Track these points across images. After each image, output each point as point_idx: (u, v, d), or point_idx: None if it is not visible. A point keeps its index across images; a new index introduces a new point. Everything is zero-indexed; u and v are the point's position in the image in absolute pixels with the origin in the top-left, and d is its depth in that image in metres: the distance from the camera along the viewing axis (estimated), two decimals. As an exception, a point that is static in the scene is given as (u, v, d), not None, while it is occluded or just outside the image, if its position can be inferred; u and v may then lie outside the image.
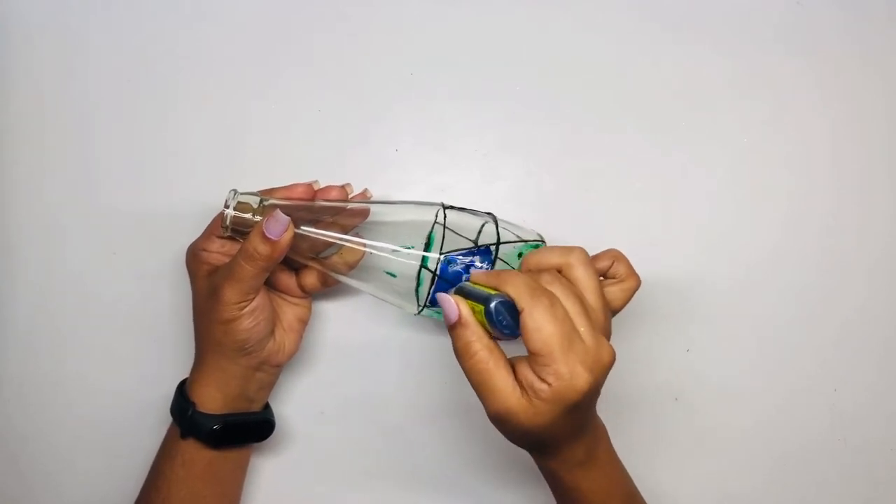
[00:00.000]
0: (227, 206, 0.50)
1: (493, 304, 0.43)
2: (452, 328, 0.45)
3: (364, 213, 0.52)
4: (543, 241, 0.53)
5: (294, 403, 0.59)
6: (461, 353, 0.44)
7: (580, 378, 0.42)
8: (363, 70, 0.61)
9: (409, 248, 0.50)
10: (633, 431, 0.51)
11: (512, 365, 0.44)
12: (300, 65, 0.61)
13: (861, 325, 0.61)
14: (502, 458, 0.59)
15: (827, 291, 0.61)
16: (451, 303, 0.44)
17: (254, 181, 0.59)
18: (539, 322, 0.42)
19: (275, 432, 0.56)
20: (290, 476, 0.59)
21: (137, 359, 0.60)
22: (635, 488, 0.51)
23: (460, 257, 0.50)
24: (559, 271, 0.47)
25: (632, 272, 0.50)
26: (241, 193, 0.51)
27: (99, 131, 0.61)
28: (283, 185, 0.54)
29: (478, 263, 0.50)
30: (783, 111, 0.62)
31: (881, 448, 0.61)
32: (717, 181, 0.61)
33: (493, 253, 0.51)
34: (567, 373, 0.42)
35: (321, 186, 0.54)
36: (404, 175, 0.60)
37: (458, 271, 0.50)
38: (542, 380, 0.43)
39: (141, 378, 0.60)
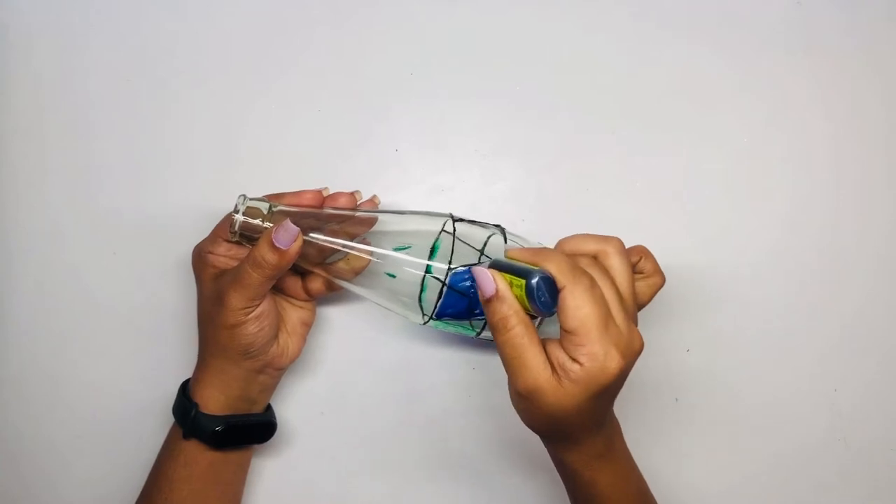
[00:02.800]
0: (236, 212, 0.49)
1: (535, 280, 0.43)
2: (488, 302, 0.44)
3: (371, 222, 0.52)
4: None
5: (294, 405, 0.59)
6: (497, 327, 0.44)
7: (613, 361, 0.42)
8: (363, 70, 0.61)
9: (406, 248, 0.50)
10: (633, 431, 0.51)
11: (543, 345, 0.44)
12: (300, 65, 0.61)
13: (861, 325, 0.61)
14: (502, 458, 0.59)
15: (827, 291, 0.61)
16: (488, 276, 0.44)
17: (254, 181, 0.59)
18: (579, 301, 0.42)
19: (276, 433, 0.56)
20: (291, 476, 0.59)
21: (138, 359, 0.60)
22: (647, 486, 0.52)
23: (469, 274, 0.49)
24: (594, 258, 0.47)
25: (658, 269, 0.51)
26: (251, 199, 0.50)
27: (99, 131, 0.61)
28: (291, 189, 0.54)
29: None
30: (783, 111, 0.62)
31: (881, 448, 0.61)
32: (717, 181, 0.61)
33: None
34: (601, 354, 0.42)
35: (330, 193, 0.54)
36: (404, 175, 0.60)
37: (466, 286, 0.49)
38: (575, 360, 0.43)
39: (141, 378, 0.60)
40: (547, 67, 0.61)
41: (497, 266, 0.46)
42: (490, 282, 0.44)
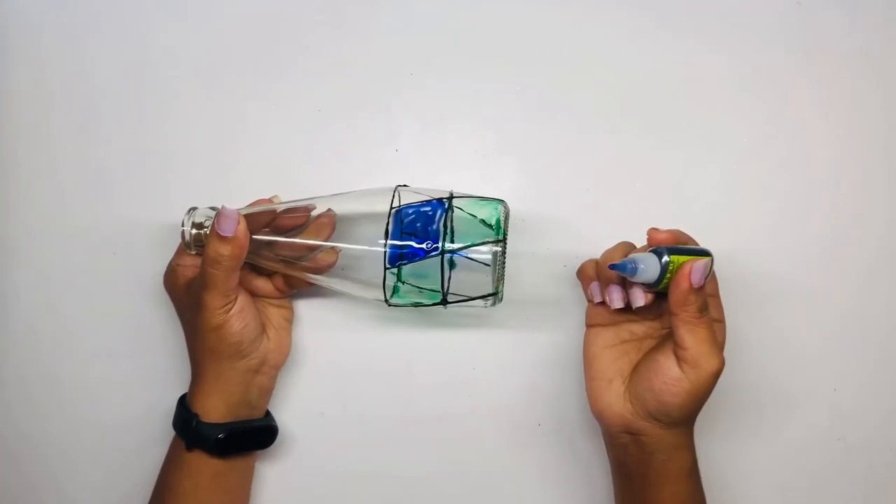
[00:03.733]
0: (182, 226, 0.51)
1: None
2: (690, 291, 0.47)
3: (330, 226, 0.52)
4: (503, 202, 0.52)
5: (294, 405, 0.59)
6: (703, 309, 0.48)
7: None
8: (363, 70, 0.61)
9: (380, 243, 0.50)
10: (633, 431, 0.51)
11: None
12: (300, 65, 0.61)
13: (861, 325, 0.61)
14: (503, 459, 0.59)
15: (826, 291, 0.61)
16: (701, 268, 0.47)
17: (254, 181, 0.59)
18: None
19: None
20: (291, 478, 0.59)
21: (140, 360, 0.60)
22: None
23: (412, 208, 0.50)
24: None
25: None
26: (198, 211, 0.52)
27: (99, 132, 0.61)
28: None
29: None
30: (783, 111, 0.62)
31: (880, 448, 0.61)
32: (717, 181, 0.61)
33: (447, 205, 0.51)
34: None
35: (281, 199, 0.55)
36: (404, 175, 0.60)
37: (412, 220, 0.50)
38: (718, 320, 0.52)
39: (144, 379, 0.59)
40: (547, 67, 0.61)
41: (675, 251, 0.48)
42: (701, 273, 0.47)
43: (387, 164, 0.60)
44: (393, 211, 0.50)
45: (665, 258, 0.48)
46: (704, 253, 0.49)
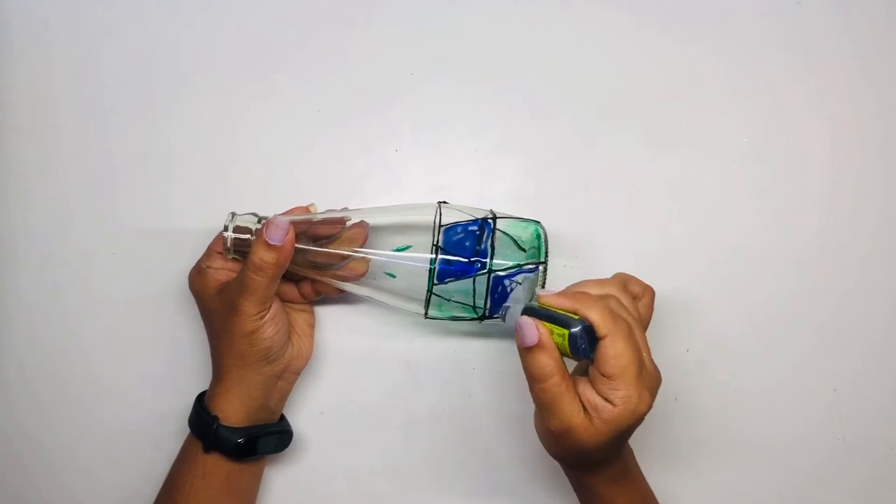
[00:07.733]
0: (225, 230, 0.51)
1: (577, 329, 0.44)
2: (528, 350, 0.45)
3: (362, 238, 0.52)
4: (538, 223, 0.54)
5: (294, 405, 0.59)
6: (536, 377, 0.45)
7: (644, 403, 0.44)
8: (363, 70, 0.61)
9: (407, 248, 0.51)
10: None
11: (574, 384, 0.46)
12: (300, 65, 0.61)
13: (861, 326, 0.61)
14: (502, 458, 0.59)
15: (826, 291, 0.61)
16: (532, 326, 0.44)
17: (255, 182, 0.59)
18: (620, 349, 0.44)
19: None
20: (291, 477, 0.59)
21: (142, 360, 0.60)
22: (657, 501, 0.53)
23: (460, 227, 0.51)
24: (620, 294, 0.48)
25: (645, 285, 0.51)
26: (239, 216, 0.52)
27: (100, 132, 0.61)
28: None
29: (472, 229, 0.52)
30: (783, 111, 0.62)
31: (881, 448, 0.61)
32: (716, 181, 0.61)
33: (492, 225, 0.51)
34: (635, 397, 0.44)
35: (317, 207, 0.55)
36: (404, 175, 0.60)
37: (461, 239, 0.51)
38: (609, 401, 0.44)
39: (146, 380, 0.59)
40: (547, 67, 0.61)
41: (532, 313, 0.46)
42: (533, 331, 0.44)
43: (387, 164, 0.60)
44: (442, 228, 0.51)
45: (522, 310, 0.46)
46: (565, 324, 0.44)
